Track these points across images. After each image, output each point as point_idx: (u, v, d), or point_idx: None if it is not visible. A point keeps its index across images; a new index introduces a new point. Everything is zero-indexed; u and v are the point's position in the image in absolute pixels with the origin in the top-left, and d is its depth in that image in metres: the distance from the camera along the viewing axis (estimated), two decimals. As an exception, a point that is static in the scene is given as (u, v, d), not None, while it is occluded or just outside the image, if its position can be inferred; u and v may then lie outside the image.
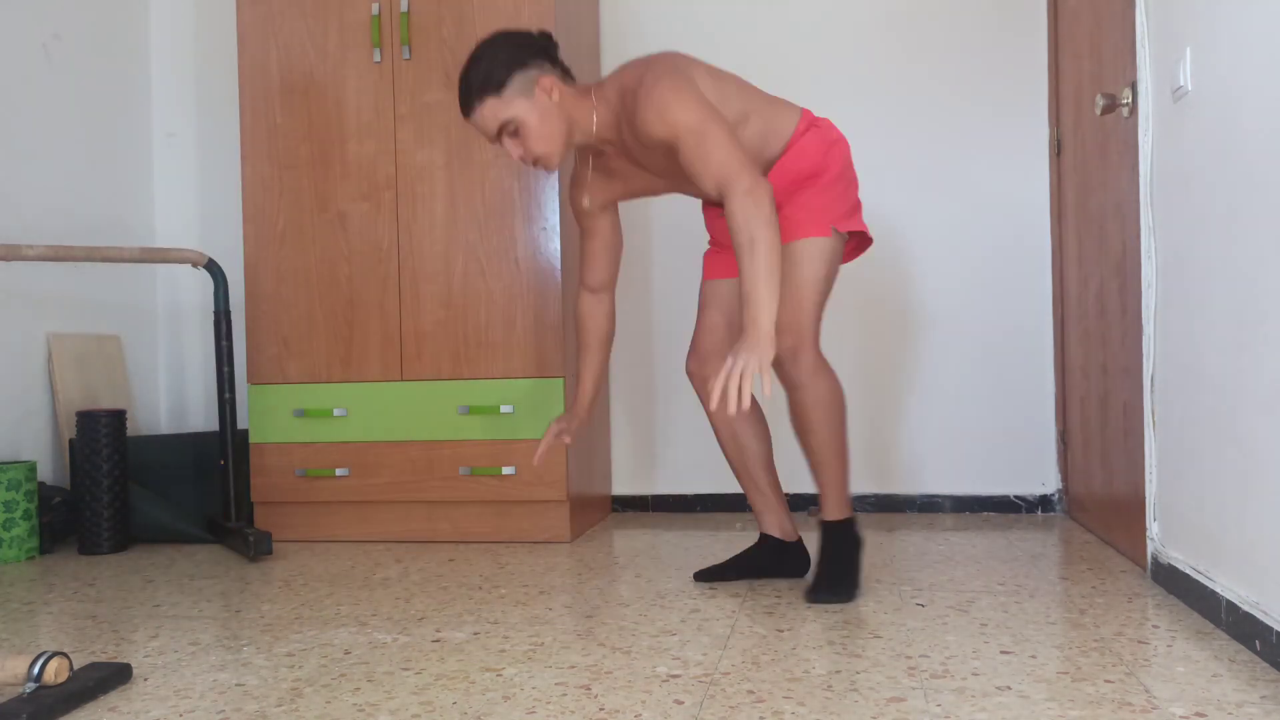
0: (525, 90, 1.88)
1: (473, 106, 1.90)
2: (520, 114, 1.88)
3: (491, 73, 1.87)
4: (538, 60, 1.90)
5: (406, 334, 2.76)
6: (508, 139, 1.92)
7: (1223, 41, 1.72)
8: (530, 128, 1.89)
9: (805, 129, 2.01)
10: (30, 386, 2.89)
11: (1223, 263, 1.73)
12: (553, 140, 1.92)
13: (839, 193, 2.01)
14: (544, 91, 1.89)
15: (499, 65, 1.87)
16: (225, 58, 3.43)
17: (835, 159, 2.01)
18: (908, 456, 3.11)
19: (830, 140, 2.01)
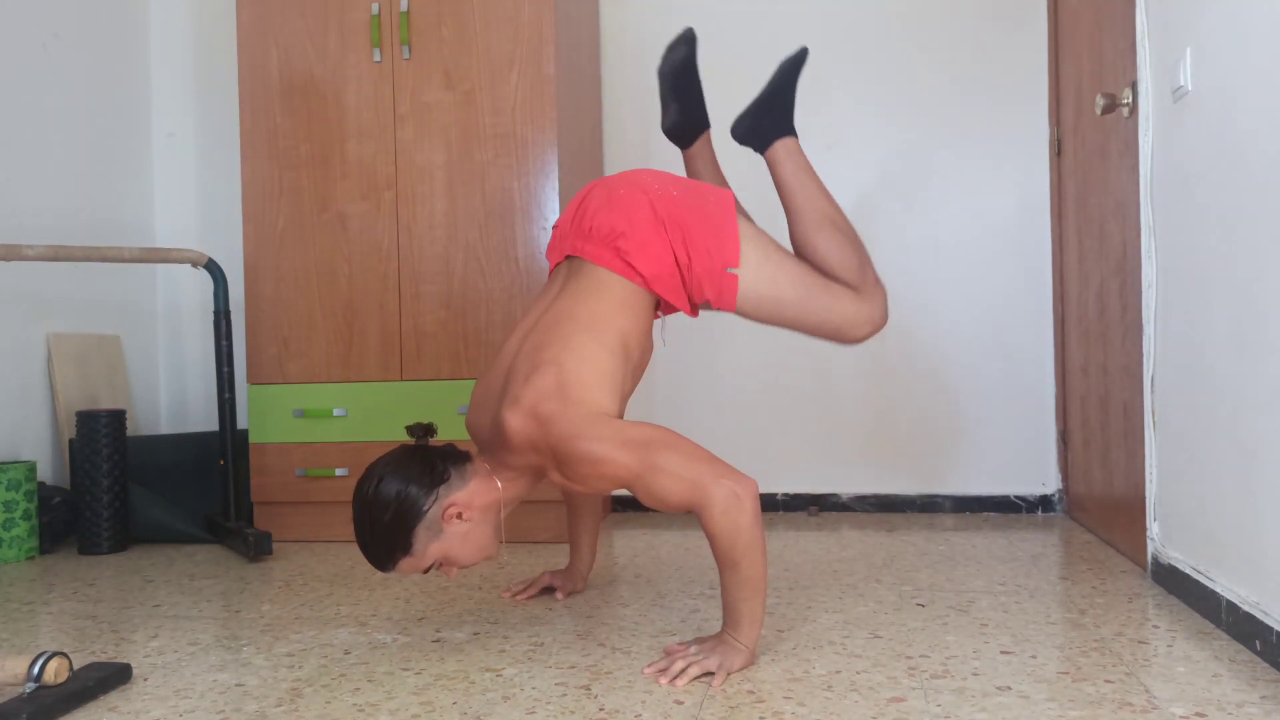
0: (434, 533, 1.66)
1: (388, 569, 1.70)
2: (440, 554, 1.69)
3: (393, 540, 1.65)
4: (429, 492, 1.66)
5: (406, 334, 2.76)
6: (440, 569, 1.73)
7: (1223, 41, 1.72)
8: (456, 556, 1.70)
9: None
10: (30, 386, 2.89)
11: (1223, 262, 1.73)
12: (484, 547, 1.73)
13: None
14: (452, 519, 1.68)
15: (397, 530, 1.65)
16: (225, 58, 3.43)
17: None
18: (908, 456, 3.11)
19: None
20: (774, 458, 3.17)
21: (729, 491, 1.55)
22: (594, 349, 1.70)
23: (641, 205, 1.80)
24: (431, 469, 1.67)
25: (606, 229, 1.79)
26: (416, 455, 1.70)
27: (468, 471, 1.71)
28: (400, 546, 1.65)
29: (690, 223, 1.80)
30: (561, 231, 1.90)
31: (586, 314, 1.74)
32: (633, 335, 1.76)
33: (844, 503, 3.14)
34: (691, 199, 1.83)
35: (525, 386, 1.66)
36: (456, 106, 2.72)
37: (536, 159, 2.69)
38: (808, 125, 3.15)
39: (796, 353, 3.15)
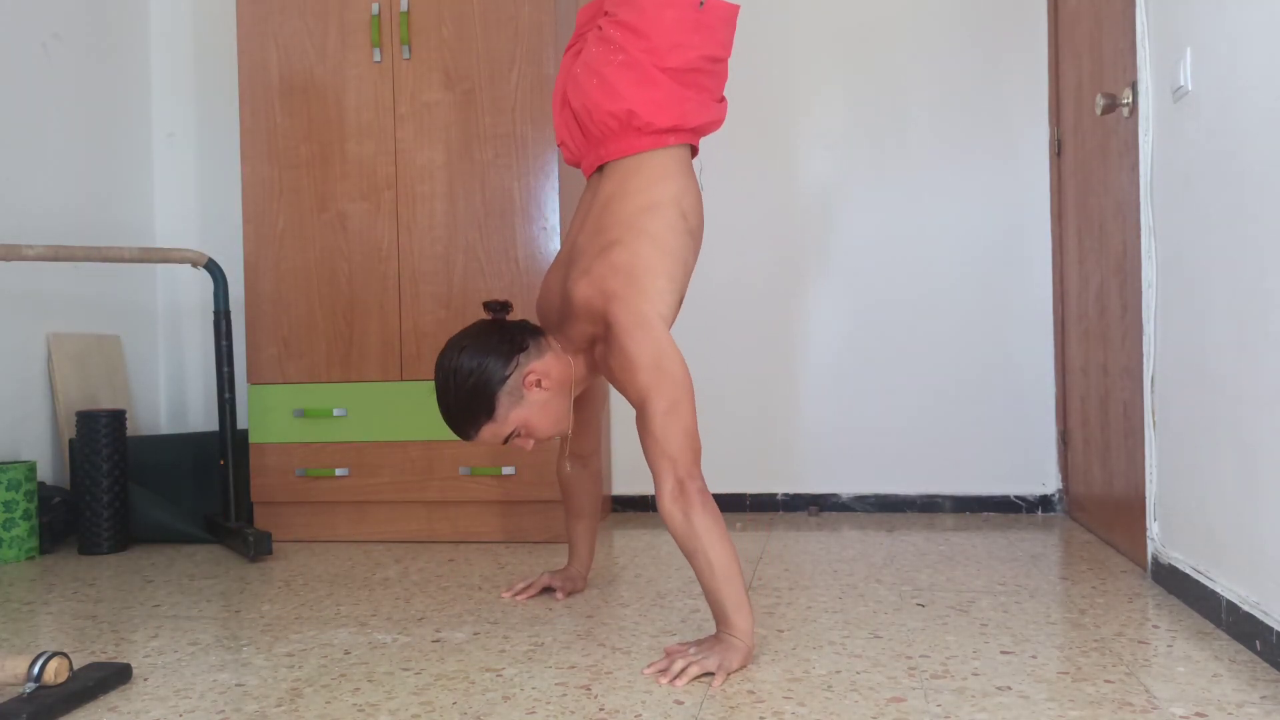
0: (515, 399, 1.73)
1: (470, 436, 1.76)
2: (521, 421, 1.75)
3: (476, 404, 1.72)
4: (510, 360, 1.72)
5: (406, 334, 2.76)
6: (517, 440, 1.79)
7: (1223, 41, 1.72)
8: (536, 426, 1.76)
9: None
10: (30, 386, 2.89)
11: (1223, 262, 1.73)
12: (561, 419, 1.80)
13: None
14: (532, 387, 1.74)
15: (479, 394, 1.71)
16: (225, 58, 3.43)
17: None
18: (908, 456, 3.11)
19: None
20: (774, 458, 3.17)
21: (674, 482, 1.61)
22: (656, 227, 1.75)
23: (612, 64, 1.80)
24: (511, 339, 1.75)
25: (615, 119, 1.79)
26: (495, 327, 1.77)
27: (543, 345, 1.79)
28: (484, 410, 1.72)
29: (642, 32, 1.79)
30: (575, 150, 1.91)
31: (636, 191, 1.78)
32: (686, 199, 1.80)
33: (844, 503, 3.14)
34: (624, 20, 1.81)
35: (597, 260, 1.74)
36: (456, 106, 2.72)
37: (536, 159, 2.69)
38: (807, 126, 3.15)
39: (796, 352, 3.15)
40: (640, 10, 1.78)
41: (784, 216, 3.16)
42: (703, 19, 1.81)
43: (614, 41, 1.79)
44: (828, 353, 3.15)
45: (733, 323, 3.18)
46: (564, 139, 1.92)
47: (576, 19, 2.00)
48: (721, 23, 1.84)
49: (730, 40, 1.87)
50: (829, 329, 3.14)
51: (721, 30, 1.84)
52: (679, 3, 1.79)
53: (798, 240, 3.15)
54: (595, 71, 1.80)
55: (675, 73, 1.80)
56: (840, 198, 3.14)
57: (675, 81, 1.80)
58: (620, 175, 1.80)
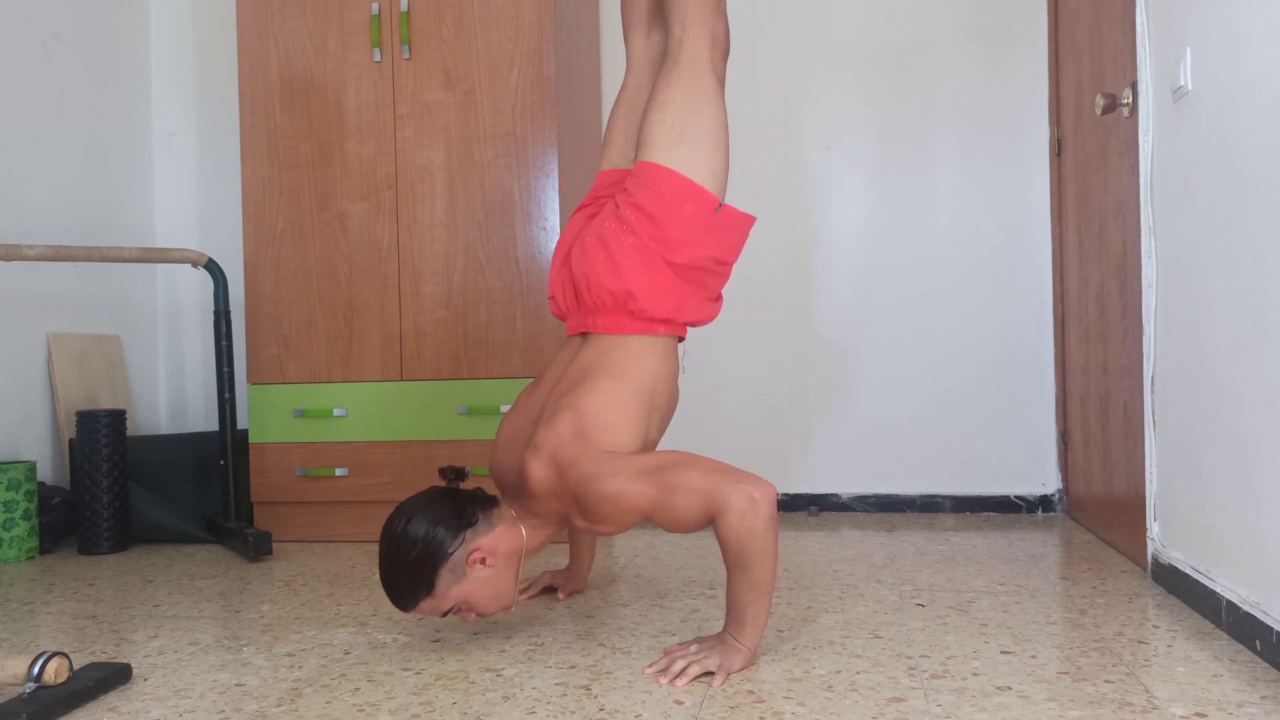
0: (457, 576, 1.66)
1: (409, 609, 1.68)
2: (460, 598, 1.68)
3: (416, 579, 1.65)
4: (456, 535, 1.66)
5: (406, 334, 2.76)
6: (457, 614, 1.72)
7: (1223, 41, 1.72)
8: (476, 602, 1.69)
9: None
10: (30, 386, 2.89)
11: (1223, 262, 1.73)
12: (504, 596, 1.73)
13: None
14: (476, 564, 1.67)
15: (421, 569, 1.64)
16: (225, 58, 3.43)
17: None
18: (908, 456, 3.11)
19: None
20: (774, 458, 3.17)
21: (745, 495, 1.54)
22: (618, 392, 1.72)
23: (622, 244, 1.79)
24: (460, 512, 1.68)
25: (611, 296, 1.78)
26: (447, 497, 1.70)
27: (494, 517, 1.71)
28: (423, 586, 1.65)
29: (657, 221, 1.78)
30: (564, 309, 1.90)
31: (612, 362, 1.76)
32: (660, 378, 1.79)
33: (844, 503, 3.14)
34: (642, 204, 1.80)
35: (546, 432, 1.69)
36: (456, 106, 2.72)
37: (536, 159, 2.69)
38: (806, 126, 3.15)
39: (796, 353, 3.16)
40: (660, 199, 1.78)
41: (785, 217, 3.16)
42: (717, 221, 1.80)
43: (627, 222, 1.79)
44: (828, 352, 3.15)
45: (734, 322, 3.18)
46: (555, 295, 1.91)
47: (596, 180, 2.01)
48: (734, 228, 1.84)
49: (740, 246, 1.87)
50: (828, 328, 3.14)
51: (733, 235, 1.84)
52: (697, 201, 1.78)
53: (798, 240, 3.15)
54: (604, 245, 1.80)
55: (681, 268, 1.79)
56: (840, 197, 3.14)
57: (679, 276, 1.79)
58: (602, 348, 1.78)
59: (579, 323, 1.86)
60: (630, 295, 1.77)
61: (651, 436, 1.78)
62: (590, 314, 1.83)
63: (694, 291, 1.82)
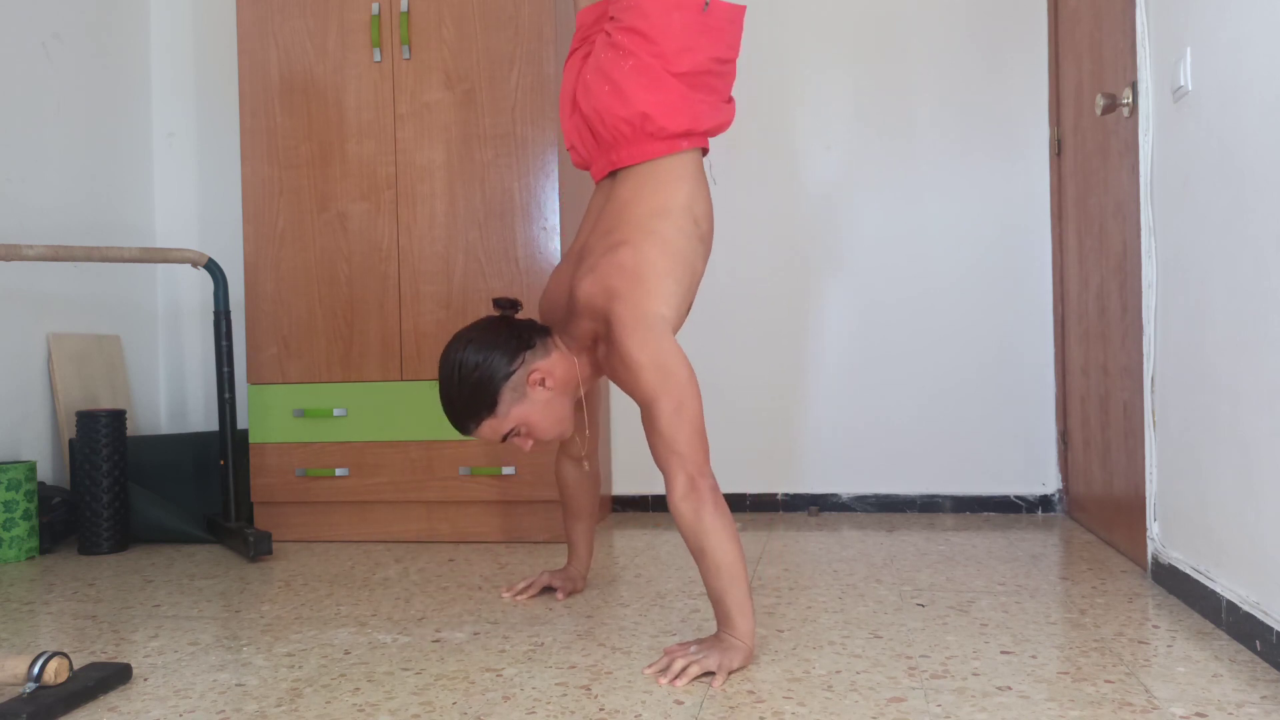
0: (518, 396, 1.73)
1: (470, 430, 1.76)
2: (522, 419, 1.75)
3: (478, 397, 1.71)
4: (516, 356, 1.73)
5: (406, 334, 2.76)
6: (516, 439, 1.79)
7: (1223, 41, 1.72)
8: (537, 425, 1.76)
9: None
10: (30, 386, 2.89)
11: (1223, 262, 1.73)
12: (562, 421, 1.80)
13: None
14: (535, 386, 1.74)
15: (483, 387, 1.71)
16: (225, 58, 3.43)
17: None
18: (908, 456, 3.11)
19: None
20: (774, 458, 3.17)
21: (687, 480, 1.60)
22: (666, 230, 1.75)
23: (623, 69, 1.79)
24: (518, 335, 1.76)
25: (628, 124, 1.79)
26: (502, 323, 1.77)
27: (549, 344, 1.79)
28: (486, 405, 1.72)
29: (650, 37, 1.78)
30: (585, 156, 1.90)
31: (649, 195, 1.78)
32: (698, 204, 1.80)
33: (844, 503, 3.14)
34: (631, 24, 1.80)
35: (603, 258, 1.74)
36: (456, 106, 2.72)
37: (536, 159, 2.69)
38: (807, 125, 3.15)
39: (796, 352, 3.15)
40: (646, 15, 1.78)
41: (785, 216, 3.16)
42: (709, 21, 1.81)
43: (623, 47, 1.79)
44: (828, 353, 3.15)
45: (733, 323, 3.18)
46: (574, 143, 1.92)
47: (577, 20, 2.00)
48: (728, 23, 1.84)
49: (737, 40, 1.87)
50: (829, 329, 3.14)
51: (728, 31, 1.84)
52: (685, 6, 1.79)
53: (799, 240, 3.15)
54: (607, 76, 1.80)
55: (686, 76, 1.80)
56: (840, 197, 3.14)
57: (686, 85, 1.80)
58: (634, 180, 1.80)
59: (604, 163, 1.87)
60: (646, 116, 1.77)
61: (698, 269, 1.80)
62: (611, 149, 1.84)
63: (705, 98, 1.83)
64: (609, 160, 1.85)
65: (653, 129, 1.78)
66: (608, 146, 1.84)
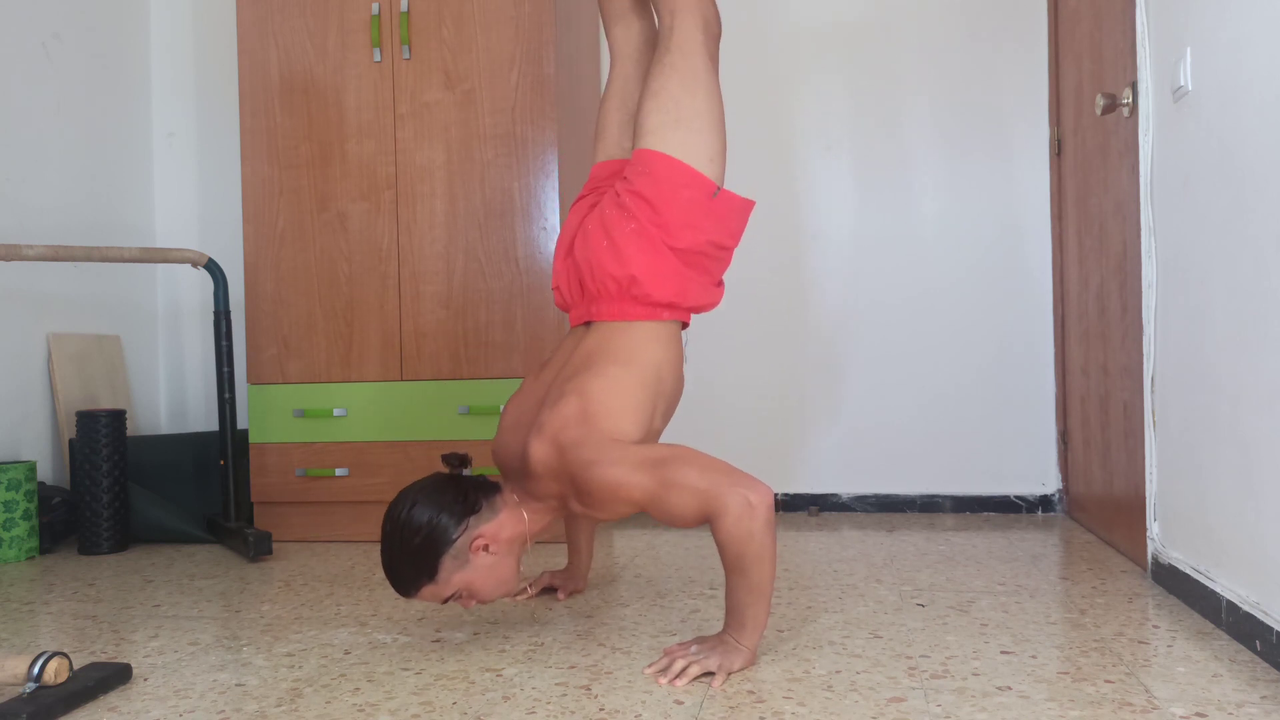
0: (460, 563, 1.67)
1: (410, 594, 1.69)
2: (463, 584, 1.69)
3: (419, 565, 1.66)
4: (459, 521, 1.67)
5: (406, 334, 2.76)
6: (458, 600, 1.73)
7: (1223, 41, 1.72)
8: (479, 589, 1.70)
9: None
10: (30, 386, 2.89)
11: (1223, 262, 1.73)
12: (505, 582, 1.73)
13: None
14: (479, 550, 1.68)
15: (424, 555, 1.65)
16: (225, 58, 3.43)
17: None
18: (908, 456, 3.11)
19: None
20: (774, 458, 3.17)
21: (743, 499, 1.54)
22: (624, 378, 1.72)
23: (624, 230, 1.79)
24: (464, 498, 1.69)
25: (615, 282, 1.79)
26: (450, 484, 1.71)
27: (497, 503, 1.72)
28: (426, 572, 1.66)
29: (656, 207, 1.78)
30: (568, 300, 1.90)
31: (616, 347, 1.76)
32: (665, 365, 1.79)
33: (844, 503, 3.14)
34: (640, 190, 1.80)
35: (551, 413, 1.69)
36: (456, 106, 2.72)
37: (536, 159, 2.69)
38: (807, 126, 3.15)
39: (796, 353, 3.15)
40: (657, 185, 1.78)
41: (784, 217, 3.16)
42: (715, 207, 1.81)
43: (628, 209, 1.80)
44: (828, 353, 3.14)
45: (732, 323, 3.18)
46: (559, 285, 1.92)
47: (592, 172, 2.02)
48: (733, 213, 1.84)
49: (740, 231, 1.87)
50: (828, 329, 3.14)
51: (732, 220, 1.85)
52: (694, 186, 1.79)
53: (798, 240, 3.15)
54: (607, 232, 1.80)
55: (683, 253, 1.80)
56: (840, 198, 3.14)
57: (681, 261, 1.80)
58: (606, 334, 1.79)
59: (583, 312, 1.86)
60: (634, 280, 1.77)
61: (656, 425, 1.79)
62: (594, 302, 1.83)
63: (696, 276, 1.82)
64: (588, 311, 1.85)
65: (638, 293, 1.78)
66: (591, 298, 1.84)
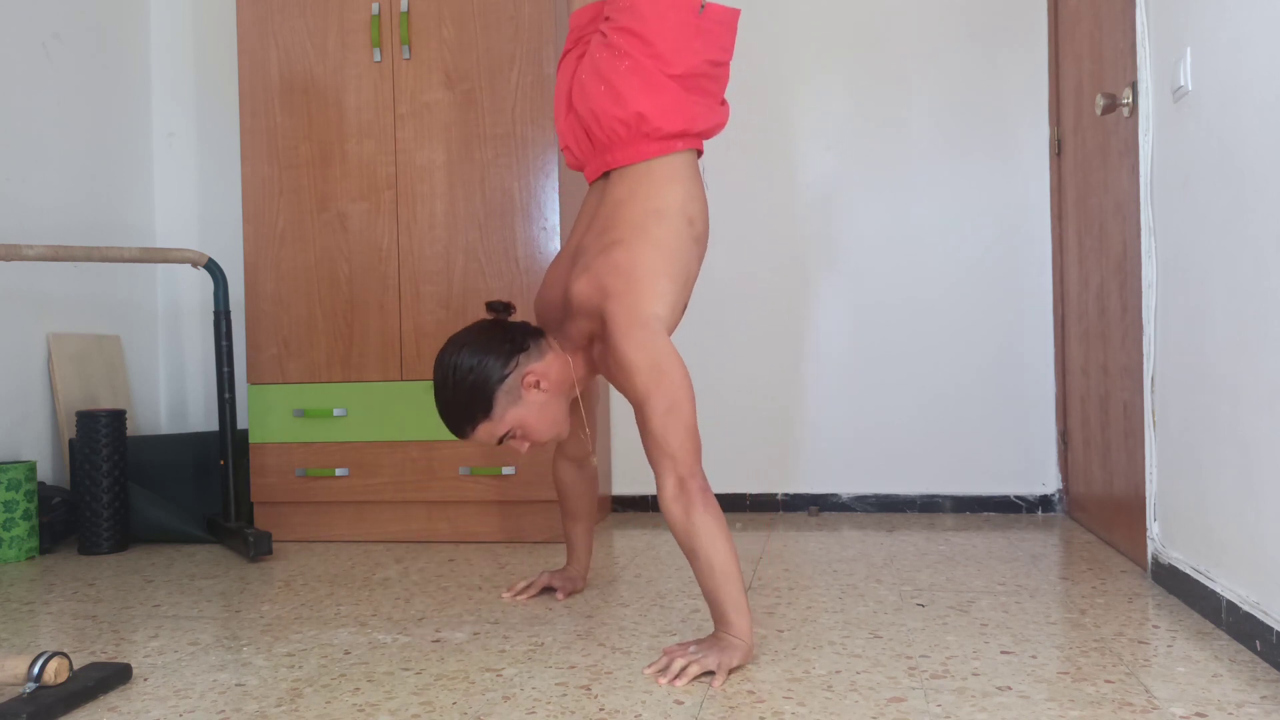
0: (513, 399, 1.74)
1: (466, 433, 1.76)
2: (517, 422, 1.75)
3: (473, 401, 1.72)
4: (510, 359, 1.73)
5: (406, 334, 2.76)
6: (512, 441, 1.79)
7: (1223, 41, 1.72)
8: (532, 427, 1.77)
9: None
10: (30, 386, 2.89)
11: (1223, 262, 1.73)
12: (558, 423, 1.80)
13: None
14: (530, 388, 1.75)
15: (478, 391, 1.71)
16: (225, 58, 3.43)
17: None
18: (908, 456, 3.11)
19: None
20: (774, 458, 3.17)
21: (675, 481, 1.61)
22: (661, 230, 1.75)
23: (619, 70, 1.79)
24: (512, 338, 1.76)
25: (623, 124, 1.79)
26: (496, 327, 1.78)
27: (544, 345, 1.80)
28: (481, 408, 1.72)
29: (645, 38, 1.78)
30: (580, 156, 1.91)
31: (644, 196, 1.78)
32: (692, 204, 1.81)
33: (844, 503, 3.14)
34: (627, 25, 1.80)
35: (598, 258, 1.75)
36: (456, 106, 2.72)
37: (536, 159, 2.69)
38: (807, 125, 3.15)
39: (797, 352, 3.16)
40: (641, 17, 1.78)
41: (784, 216, 3.16)
42: (703, 24, 1.81)
43: (618, 47, 1.80)
44: (827, 353, 3.14)
45: (733, 323, 3.18)
46: (568, 144, 1.92)
47: (570, 21, 2.01)
48: (722, 26, 1.84)
49: (731, 44, 1.87)
50: (829, 329, 3.14)
51: (722, 34, 1.85)
52: (680, 8, 1.79)
53: (798, 240, 3.15)
54: (603, 77, 1.80)
55: (681, 78, 1.80)
56: (840, 198, 3.14)
57: (682, 87, 1.80)
58: (629, 180, 1.81)
59: (598, 164, 1.87)
60: (641, 117, 1.78)
61: (693, 270, 1.80)
62: (606, 150, 1.84)
63: (700, 100, 1.83)
64: (604, 161, 1.85)
65: (648, 129, 1.79)
66: (603, 148, 1.84)
